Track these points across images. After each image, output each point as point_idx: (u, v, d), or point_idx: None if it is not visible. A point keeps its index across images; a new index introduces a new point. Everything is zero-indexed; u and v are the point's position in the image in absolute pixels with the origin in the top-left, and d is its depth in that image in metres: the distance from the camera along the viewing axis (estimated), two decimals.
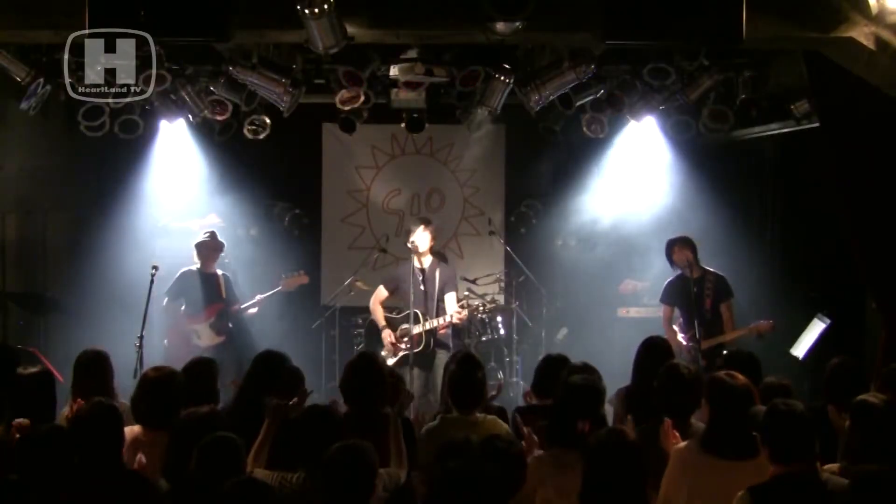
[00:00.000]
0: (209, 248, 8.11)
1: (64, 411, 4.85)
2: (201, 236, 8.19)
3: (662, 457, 4.16)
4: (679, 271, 7.57)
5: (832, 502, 3.55)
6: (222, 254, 8.41)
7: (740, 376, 4.20)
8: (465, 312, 7.87)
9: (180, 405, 4.56)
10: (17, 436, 4.22)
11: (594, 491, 3.53)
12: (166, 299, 7.99)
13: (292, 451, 4.08)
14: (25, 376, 4.67)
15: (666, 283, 7.75)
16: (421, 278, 7.76)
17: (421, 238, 7.83)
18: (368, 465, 3.62)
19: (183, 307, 8.05)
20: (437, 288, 7.84)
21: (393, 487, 4.04)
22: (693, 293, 7.35)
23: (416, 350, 7.72)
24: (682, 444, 4.15)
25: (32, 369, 4.76)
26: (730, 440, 3.97)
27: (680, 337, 7.50)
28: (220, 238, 8.25)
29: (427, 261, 7.92)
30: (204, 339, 7.99)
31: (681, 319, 7.60)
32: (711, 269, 7.63)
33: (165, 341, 8.06)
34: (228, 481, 3.40)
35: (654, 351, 5.26)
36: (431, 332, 7.77)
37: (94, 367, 5.05)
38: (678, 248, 7.64)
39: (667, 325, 7.61)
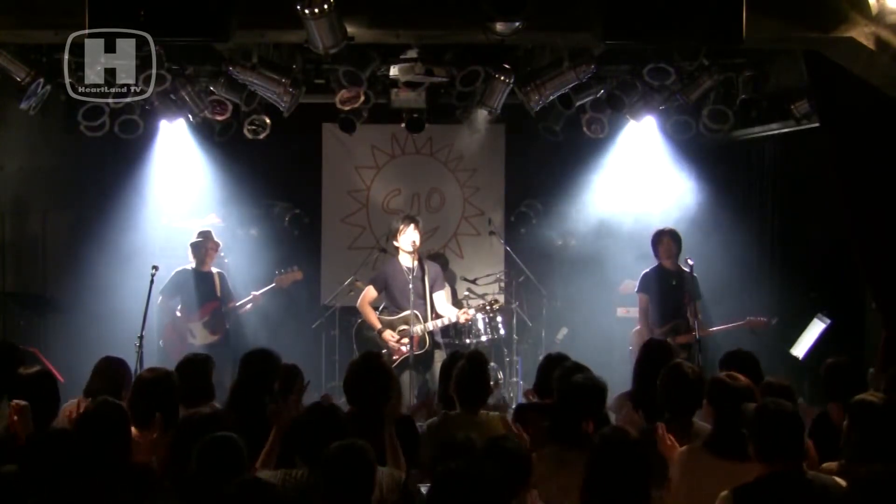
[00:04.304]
0: (206, 247, 8.11)
1: (66, 408, 4.83)
2: (195, 237, 8.20)
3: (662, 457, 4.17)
4: (657, 262, 7.83)
5: (818, 501, 3.55)
6: (221, 253, 8.40)
7: (742, 377, 4.22)
8: (471, 312, 7.88)
9: (176, 406, 4.56)
10: (16, 417, 4.23)
11: (596, 488, 3.53)
12: (161, 298, 7.99)
13: (295, 449, 4.08)
14: (26, 376, 4.69)
15: (643, 273, 7.92)
16: (410, 277, 7.73)
17: (415, 237, 7.79)
18: (367, 463, 3.61)
19: (179, 306, 8.06)
20: (427, 286, 7.82)
21: (395, 487, 4.03)
22: (672, 285, 7.61)
23: (419, 352, 7.70)
24: (686, 446, 4.15)
25: (33, 369, 4.78)
26: (733, 441, 3.96)
27: (655, 330, 7.60)
28: (215, 237, 8.26)
29: (414, 259, 7.87)
30: (199, 337, 8.00)
31: (649, 310, 7.78)
32: (685, 269, 7.72)
33: (161, 341, 8.06)
34: (233, 482, 3.39)
35: (655, 353, 5.25)
36: (431, 333, 7.76)
37: (112, 375, 5.07)
38: (667, 239, 7.85)
39: (643, 315, 7.79)
